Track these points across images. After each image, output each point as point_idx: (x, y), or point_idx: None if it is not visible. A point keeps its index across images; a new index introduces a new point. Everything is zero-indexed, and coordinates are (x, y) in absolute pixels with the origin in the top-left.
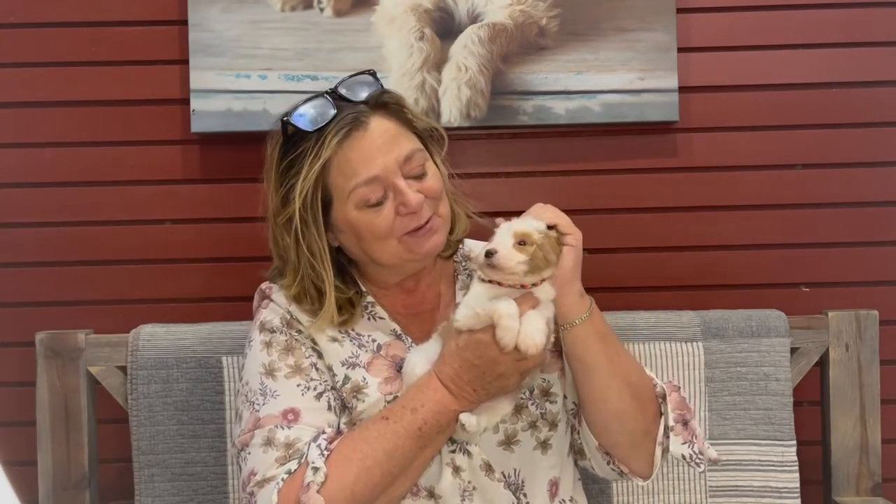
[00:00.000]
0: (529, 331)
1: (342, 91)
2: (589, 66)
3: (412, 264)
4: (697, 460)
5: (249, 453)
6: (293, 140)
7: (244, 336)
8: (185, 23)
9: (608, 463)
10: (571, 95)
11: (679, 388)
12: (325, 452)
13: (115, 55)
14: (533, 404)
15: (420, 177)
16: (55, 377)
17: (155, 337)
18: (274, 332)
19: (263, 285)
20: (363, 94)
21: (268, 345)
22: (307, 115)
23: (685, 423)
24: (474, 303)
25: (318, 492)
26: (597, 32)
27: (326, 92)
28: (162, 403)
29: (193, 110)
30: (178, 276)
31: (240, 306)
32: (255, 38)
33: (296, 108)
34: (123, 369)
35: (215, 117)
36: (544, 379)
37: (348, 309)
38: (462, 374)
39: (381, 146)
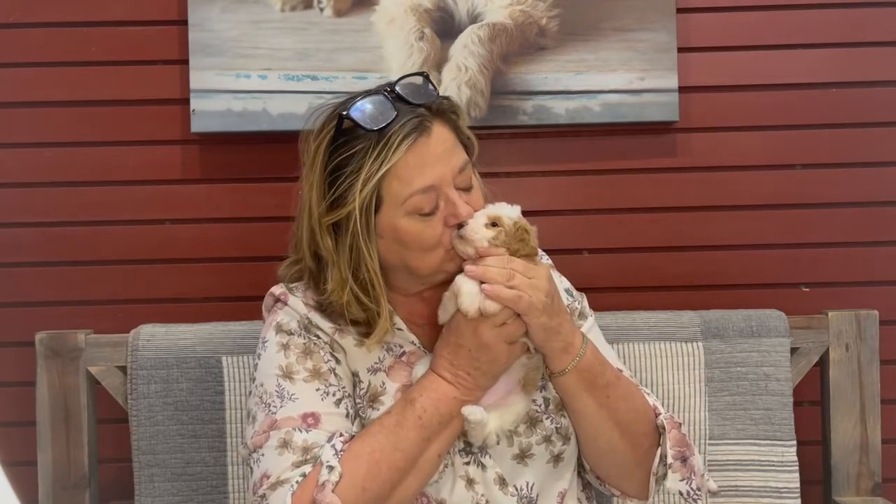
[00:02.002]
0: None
1: (401, 91)
2: (589, 66)
3: (442, 275)
4: (695, 496)
5: (263, 455)
6: (348, 136)
7: (244, 336)
8: (184, 23)
9: (601, 485)
10: (571, 95)
11: (680, 424)
12: (340, 453)
13: (115, 55)
14: (548, 418)
15: (468, 189)
16: (55, 377)
17: (155, 337)
18: (291, 334)
19: (276, 290)
20: (421, 97)
21: (285, 347)
22: (367, 112)
23: (684, 460)
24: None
25: (333, 491)
26: (597, 32)
27: (385, 90)
28: (162, 403)
29: (193, 110)
30: (178, 276)
31: (240, 306)
32: (255, 38)
33: (352, 102)
34: (123, 369)
35: (215, 117)
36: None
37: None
38: (452, 360)
39: (440, 155)
